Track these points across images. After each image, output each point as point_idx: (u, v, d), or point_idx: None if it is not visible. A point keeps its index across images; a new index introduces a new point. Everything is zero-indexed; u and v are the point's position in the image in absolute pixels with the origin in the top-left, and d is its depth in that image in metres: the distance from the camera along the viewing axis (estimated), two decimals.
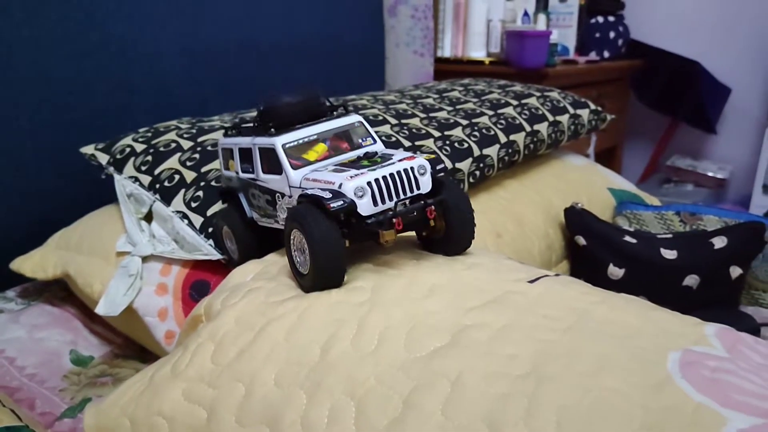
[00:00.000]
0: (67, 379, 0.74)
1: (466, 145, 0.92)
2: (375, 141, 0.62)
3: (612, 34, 1.96)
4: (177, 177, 0.75)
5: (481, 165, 0.92)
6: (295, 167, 0.57)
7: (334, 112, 0.63)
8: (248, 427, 0.46)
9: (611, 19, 1.97)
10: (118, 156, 0.81)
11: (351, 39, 1.44)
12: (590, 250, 0.94)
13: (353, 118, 0.62)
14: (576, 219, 0.96)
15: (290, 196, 0.58)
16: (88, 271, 0.76)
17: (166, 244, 0.73)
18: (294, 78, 1.31)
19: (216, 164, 0.76)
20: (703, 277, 0.90)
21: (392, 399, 0.44)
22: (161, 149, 0.79)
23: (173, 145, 0.79)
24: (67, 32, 0.94)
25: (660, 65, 2.06)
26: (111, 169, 0.81)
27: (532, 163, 1.09)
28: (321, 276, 0.53)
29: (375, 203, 0.53)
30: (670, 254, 0.90)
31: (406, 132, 0.89)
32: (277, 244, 0.66)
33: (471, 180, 0.91)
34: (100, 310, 0.72)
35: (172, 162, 0.77)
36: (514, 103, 1.05)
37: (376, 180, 0.53)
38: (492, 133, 0.96)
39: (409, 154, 0.58)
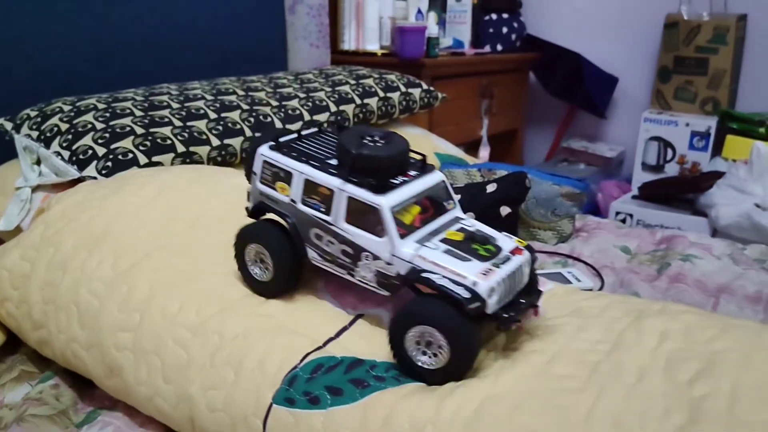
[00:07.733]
0: None
1: (298, 112, 1.18)
2: (455, 204, 0.61)
3: (505, 30, 2.22)
4: (56, 129, 1.01)
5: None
6: (402, 235, 0.54)
7: (418, 166, 0.60)
8: (52, 272, 0.72)
9: (505, 16, 2.23)
10: (18, 122, 1.08)
11: (254, 33, 1.69)
12: None
13: (438, 177, 0.60)
14: None
15: (389, 263, 0.55)
16: None
17: (49, 176, 1.00)
18: (196, 68, 1.57)
19: (86, 117, 1.02)
20: (478, 214, 1.16)
21: (137, 252, 0.70)
22: (48, 113, 1.05)
23: (57, 109, 1.06)
24: None
25: (551, 57, 2.32)
26: (12, 132, 1.07)
27: None
28: (461, 371, 0.54)
29: (498, 302, 0.53)
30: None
31: (249, 100, 1.16)
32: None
33: None
34: (0, 226, 0.99)
35: (55, 120, 1.03)
36: (353, 82, 1.32)
37: (503, 279, 0.53)
38: (324, 104, 1.23)
39: (513, 242, 0.57)
